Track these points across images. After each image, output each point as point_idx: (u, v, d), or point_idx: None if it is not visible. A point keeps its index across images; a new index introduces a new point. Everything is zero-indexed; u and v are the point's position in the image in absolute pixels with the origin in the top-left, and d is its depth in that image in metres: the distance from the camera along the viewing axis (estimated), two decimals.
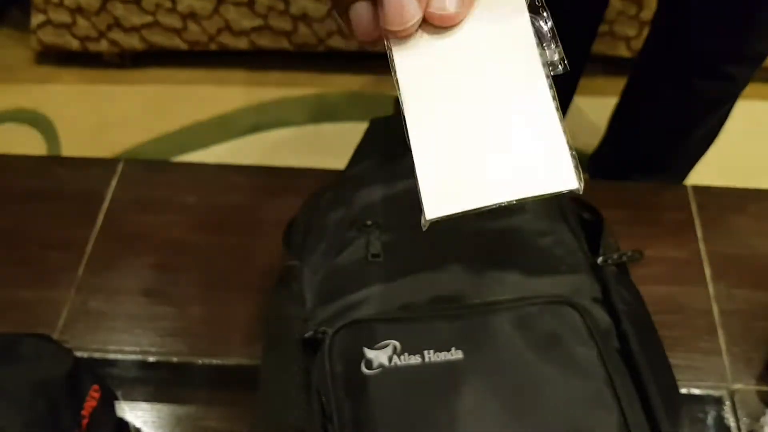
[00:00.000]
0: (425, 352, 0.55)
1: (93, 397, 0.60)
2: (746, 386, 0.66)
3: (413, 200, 0.69)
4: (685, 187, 0.79)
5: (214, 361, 0.69)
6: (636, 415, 0.54)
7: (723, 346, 0.68)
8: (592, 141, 1.31)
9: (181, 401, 0.67)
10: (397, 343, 0.55)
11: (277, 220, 0.67)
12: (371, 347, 0.55)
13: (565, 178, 0.34)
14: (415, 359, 0.55)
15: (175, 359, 0.69)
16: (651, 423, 0.54)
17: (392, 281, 0.60)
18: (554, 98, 0.35)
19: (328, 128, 1.53)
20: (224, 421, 0.66)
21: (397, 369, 0.54)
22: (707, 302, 0.71)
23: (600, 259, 0.62)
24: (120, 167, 0.82)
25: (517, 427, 0.52)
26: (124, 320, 0.71)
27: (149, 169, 0.84)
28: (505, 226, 0.64)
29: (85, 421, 0.58)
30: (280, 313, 0.61)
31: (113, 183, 0.81)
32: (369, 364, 0.55)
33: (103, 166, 0.83)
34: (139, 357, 0.69)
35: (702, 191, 0.79)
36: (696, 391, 0.66)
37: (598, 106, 1.36)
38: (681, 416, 0.57)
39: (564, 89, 1.20)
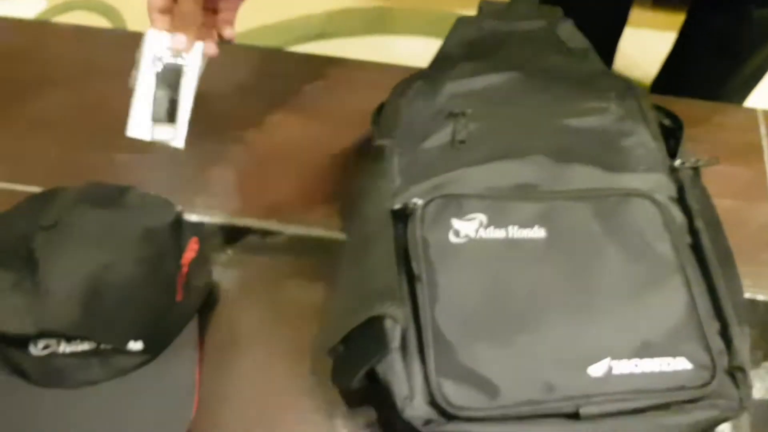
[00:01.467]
0: (509, 227, 0.59)
1: (192, 249, 0.64)
2: None
3: (498, 94, 0.71)
4: (754, 110, 0.81)
5: (297, 231, 0.72)
6: (704, 303, 0.57)
7: None
8: (651, 70, 1.32)
9: (264, 267, 0.71)
10: (483, 217, 0.59)
11: (354, 110, 0.70)
12: (460, 218, 0.59)
13: None
14: (499, 233, 0.58)
15: (260, 226, 0.73)
16: (717, 312, 0.58)
17: (477, 166, 0.63)
18: None
19: (388, 40, 1.54)
20: (302, 289, 0.69)
21: (483, 240, 0.58)
22: None
23: (677, 162, 0.65)
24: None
25: (590, 307, 0.56)
26: (211, 189, 0.75)
27: (235, 52, 0.85)
28: (589, 125, 0.66)
29: (184, 270, 0.63)
30: (370, 186, 0.64)
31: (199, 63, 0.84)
32: (456, 234, 0.58)
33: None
34: (227, 222, 0.73)
35: None
36: (757, 296, 0.69)
37: (656, 39, 1.36)
38: (742, 313, 0.60)
39: (615, 23, 1.21)
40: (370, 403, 0.63)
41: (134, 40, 0.69)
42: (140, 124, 0.59)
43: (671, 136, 0.68)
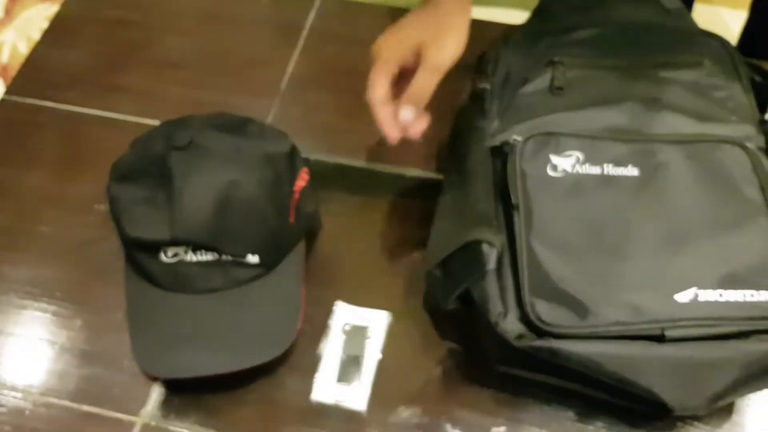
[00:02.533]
0: (604, 165, 0.61)
1: (303, 178, 0.69)
2: None
3: (595, 45, 0.73)
4: None
5: (396, 171, 0.77)
6: None
7: None
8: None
9: (363, 203, 0.75)
10: (580, 154, 0.62)
11: (460, 63, 0.73)
12: (558, 154, 0.62)
13: None
14: (594, 169, 0.61)
15: (362, 165, 0.77)
16: None
17: (573, 111, 0.66)
18: None
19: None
20: (398, 226, 0.73)
21: (578, 175, 0.61)
22: None
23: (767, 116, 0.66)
24: (318, 2, 0.89)
25: (678, 239, 0.58)
26: (320, 129, 0.80)
27: (345, 7, 0.90)
28: (682, 78, 0.68)
29: (296, 196, 0.68)
30: (471, 126, 0.67)
31: (311, 15, 0.89)
32: (554, 168, 0.61)
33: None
34: (331, 160, 0.78)
35: None
36: None
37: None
38: None
39: None
40: (456, 332, 0.67)
41: None
42: (325, 388, 0.62)
43: (762, 91, 0.69)
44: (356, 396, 0.61)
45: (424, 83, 0.62)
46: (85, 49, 0.88)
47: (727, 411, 0.63)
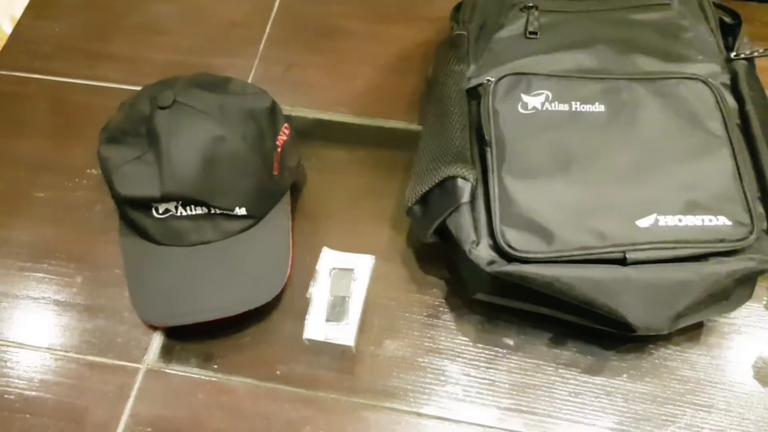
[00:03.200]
0: (573, 102, 0.64)
1: (284, 133, 0.71)
2: None
3: None
4: None
5: (377, 123, 0.79)
6: (748, 173, 0.62)
7: None
8: None
9: (346, 156, 0.78)
10: (549, 93, 0.64)
11: (429, 17, 0.75)
12: (528, 93, 0.64)
13: None
14: (563, 107, 0.64)
15: (341, 119, 0.80)
16: (760, 183, 0.62)
17: (546, 54, 0.68)
18: None
19: None
20: (380, 176, 0.76)
21: (548, 112, 0.64)
22: None
23: (733, 54, 0.68)
24: None
25: (642, 168, 0.61)
26: (299, 87, 0.82)
27: None
28: (651, 19, 0.70)
29: (279, 150, 0.70)
30: (449, 69, 0.69)
31: None
32: (525, 106, 0.64)
33: None
34: (311, 115, 0.80)
35: None
36: None
37: None
38: None
39: None
40: (437, 268, 0.71)
41: None
42: (315, 327, 0.65)
43: (730, 32, 0.71)
44: (345, 333, 0.65)
45: None
46: (68, 19, 0.89)
47: (696, 331, 0.67)
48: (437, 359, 0.66)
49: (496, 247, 0.59)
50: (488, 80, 0.66)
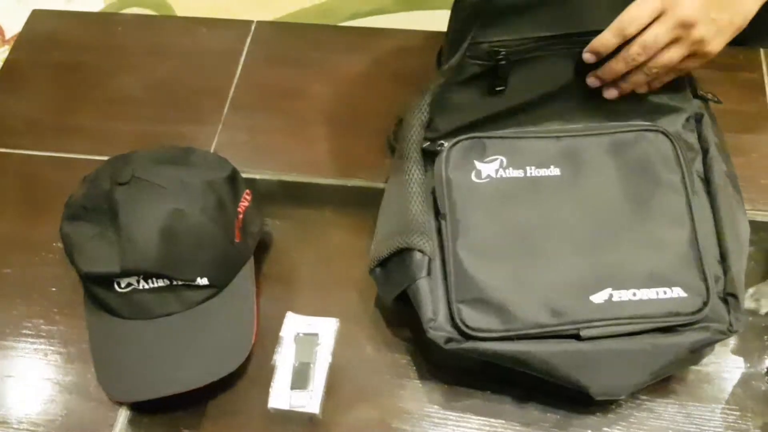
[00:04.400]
0: (527, 167, 0.62)
1: (246, 199, 0.71)
2: None
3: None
4: (758, 50, 0.83)
5: (339, 183, 0.78)
6: (707, 232, 0.61)
7: None
8: None
9: (311, 216, 0.77)
10: (503, 158, 0.63)
11: (387, 74, 0.74)
12: (481, 160, 0.63)
13: None
14: (517, 173, 0.62)
15: (305, 180, 0.79)
16: (719, 241, 0.61)
17: (502, 113, 0.65)
18: None
19: (419, 15, 1.58)
20: (346, 234, 0.75)
21: (502, 180, 0.62)
22: None
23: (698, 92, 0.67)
24: (253, 27, 0.91)
25: (597, 240, 0.60)
26: (262, 150, 0.81)
27: (278, 30, 0.92)
28: None
29: (241, 216, 0.69)
30: (410, 123, 0.66)
31: (248, 41, 0.90)
32: (479, 174, 0.62)
33: (239, 26, 0.91)
34: (275, 177, 0.79)
35: None
36: (753, 218, 0.72)
37: None
38: (745, 241, 0.63)
39: None
40: (404, 332, 0.69)
41: (189, 24, 0.75)
42: (280, 395, 0.64)
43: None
44: (310, 400, 0.63)
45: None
46: (36, 93, 0.89)
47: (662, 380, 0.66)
48: (406, 422, 0.64)
49: (454, 324, 0.58)
50: (440, 144, 0.64)
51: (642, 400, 0.64)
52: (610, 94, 0.63)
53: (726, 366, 0.66)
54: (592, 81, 0.63)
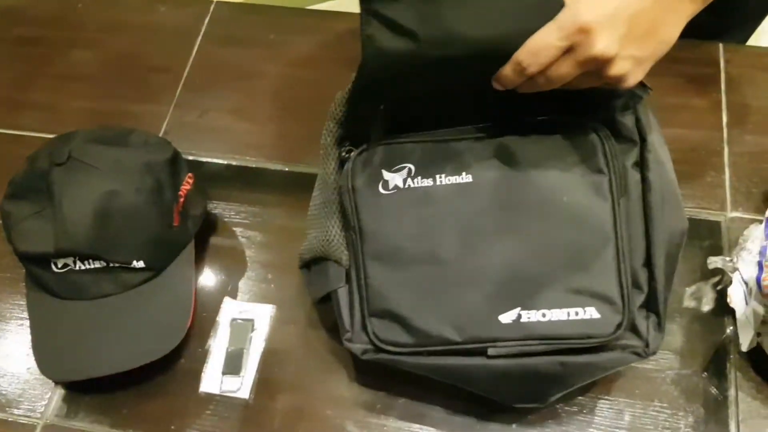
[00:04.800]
0: (437, 176, 0.58)
1: (188, 183, 0.70)
2: (742, 214, 0.71)
3: None
4: (717, 44, 0.81)
5: (285, 168, 0.78)
6: (632, 247, 0.56)
7: (727, 182, 0.72)
8: None
9: (256, 200, 0.76)
10: (412, 166, 0.58)
11: (343, 58, 0.72)
12: (389, 170, 0.59)
13: None
14: (427, 182, 0.58)
15: (253, 164, 0.78)
16: (647, 255, 0.57)
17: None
18: None
19: None
20: (291, 219, 0.75)
21: (410, 190, 0.58)
22: (720, 144, 0.75)
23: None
24: (212, 8, 0.90)
25: (508, 254, 0.56)
26: (213, 132, 0.81)
27: (237, 10, 0.90)
28: None
29: (181, 200, 0.69)
30: (327, 132, 0.63)
31: (206, 20, 0.89)
32: (386, 185, 0.59)
33: (198, 5, 0.90)
34: (223, 161, 0.79)
35: (731, 49, 0.80)
36: (697, 216, 0.71)
37: None
38: (676, 255, 0.58)
39: None
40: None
41: (149, 1, 0.73)
42: (211, 379, 0.64)
43: None
44: (241, 386, 0.63)
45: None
46: None
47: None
48: (336, 410, 0.64)
49: (368, 337, 0.57)
50: (348, 150, 0.60)
51: (578, 399, 0.64)
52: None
53: (659, 365, 0.65)
54: (495, 85, 0.54)
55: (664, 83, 0.76)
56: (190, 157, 0.78)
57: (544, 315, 0.54)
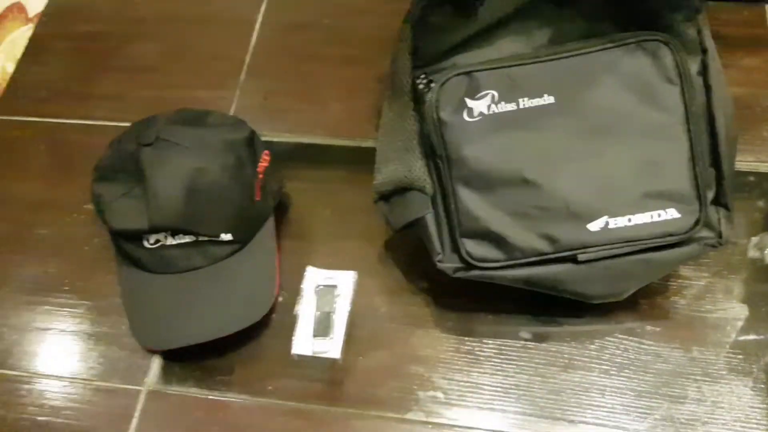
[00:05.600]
0: (520, 99, 0.61)
1: (265, 160, 0.73)
2: None
3: None
4: (763, 6, 0.83)
5: (352, 143, 0.81)
6: (703, 150, 0.60)
7: None
8: None
9: (326, 177, 0.79)
10: (495, 93, 0.61)
11: (395, 36, 0.75)
12: (473, 97, 0.61)
13: None
14: (510, 106, 0.61)
15: (320, 141, 0.81)
16: (714, 158, 0.61)
17: (486, 38, 0.63)
18: None
19: None
20: (360, 192, 0.76)
21: (495, 115, 0.61)
22: None
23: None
24: None
25: (593, 166, 0.60)
26: (278, 113, 0.84)
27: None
28: None
29: (260, 176, 0.72)
30: (399, 66, 0.66)
31: (262, 8, 0.92)
32: (470, 113, 0.61)
33: None
34: (291, 140, 0.82)
35: None
36: (756, 170, 0.74)
37: None
38: (734, 157, 0.62)
39: None
40: (414, 280, 0.72)
41: None
42: (302, 342, 0.66)
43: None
44: (331, 346, 0.66)
45: None
46: (60, 64, 0.92)
47: (667, 324, 0.68)
48: (420, 366, 0.67)
49: (460, 257, 0.61)
50: (429, 81, 0.62)
51: (648, 344, 0.67)
52: None
53: (726, 314, 0.68)
54: None
55: (717, 44, 0.79)
56: (261, 138, 0.80)
57: (629, 220, 0.59)
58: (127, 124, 0.74)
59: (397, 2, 0.89)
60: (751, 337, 0.67)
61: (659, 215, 0.59)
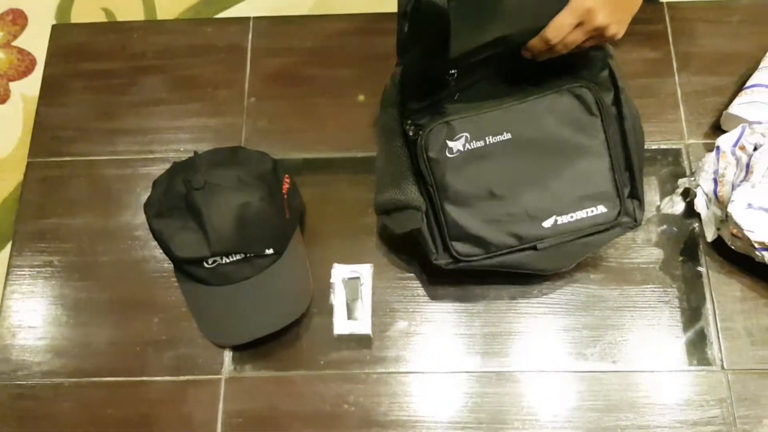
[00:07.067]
0: (486, 138, 0.80)
1: (287, 182, 0.89)
2: (696, 141, 0.95)
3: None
4: (662, 4, 1.02)
5: (351, 155, 0.97)
6: (618, 159, 0.81)
7: (682, 117, 0.96)
8: None
9: (332, 185, 0.96)
10: (467, 134, 0.80)
11: (373, 54, 0.88)
12: (451, 139, 0.80)
13: None
14: (480, 143, 0.80)
15: (324, 155, 0.97)
16: (628, 164, 0.82)
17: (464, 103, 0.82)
18: None
19: None
20: (362, 200, 0.94)
21: (469, 151, 0.80)
22: (674, 87, 0.98)
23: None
24: (251, 23, 1.05)
25: (542, 181, 0.80)
26: (284, 133, 0.99)
27: (274, 23, 1.05)
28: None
29: (285, 196, 0.88)
30: (388, 115, 0.84)
31: (249, 36, 1.04)
32: (450, 150, 0.80)
33: (239, 23, 1.05)
34: (299, 156, 0.97)
35: (673, 6, 1.02)
36: (663, 146, 0.95)
37: None
38: (642, 159, 0.84)
39: None
40: (418, 268, 0.92)
41: (194, 25, 0.87)
42: (340, 324, 0.86)
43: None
44: (362, 325, 0.86)
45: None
46: (78, 103, 1.02)
47: (608, 274, 0.91)
48: (430, 328, 0.88)
49: (450, 255, 0.82)
50: (419, 131, 0.79)
51: (593, 290, 0.89)
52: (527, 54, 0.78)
53: (649, 258, 0.91)
54: (525, 54, 0.78)
55: (623, 42, 0.97)
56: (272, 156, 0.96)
57: (572, 216, 0.80)
58: (151, 156, 0.87)
59: (354, 23, 1.03)
60: (667, 273, 0.90)
61: (592, 211, 0.80)
